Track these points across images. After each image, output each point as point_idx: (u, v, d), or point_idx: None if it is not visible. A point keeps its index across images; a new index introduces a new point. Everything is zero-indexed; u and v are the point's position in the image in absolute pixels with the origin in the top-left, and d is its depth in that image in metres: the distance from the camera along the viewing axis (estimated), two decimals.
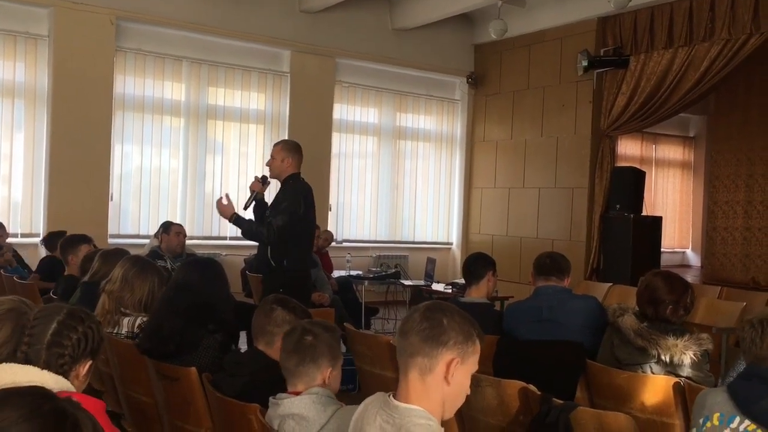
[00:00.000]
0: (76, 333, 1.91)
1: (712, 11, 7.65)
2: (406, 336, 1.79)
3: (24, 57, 7.65)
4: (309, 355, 2.28)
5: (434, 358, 1.76)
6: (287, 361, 2.30)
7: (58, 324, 1.90)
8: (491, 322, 3.95)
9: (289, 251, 4.65)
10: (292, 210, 4.60)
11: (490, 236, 10.15)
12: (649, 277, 3.31)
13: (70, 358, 1.89)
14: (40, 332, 1.89)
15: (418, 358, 1.77)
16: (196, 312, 3.08)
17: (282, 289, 4.21)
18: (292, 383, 2.31)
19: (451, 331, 1.78)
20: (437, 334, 1.77)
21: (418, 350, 1.77)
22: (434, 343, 1.76)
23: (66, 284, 4.49)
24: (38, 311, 1.97)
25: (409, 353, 1.78)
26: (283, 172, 4.76)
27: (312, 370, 2.28)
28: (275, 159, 4.78)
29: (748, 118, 10.17)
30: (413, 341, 1.78)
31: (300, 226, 4.68)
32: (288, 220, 4.57)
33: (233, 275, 7.15)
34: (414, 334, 1.78)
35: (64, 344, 1.89)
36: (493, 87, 10.23)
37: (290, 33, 8.95)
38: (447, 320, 1.80)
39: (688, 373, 2.99)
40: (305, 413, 2.19)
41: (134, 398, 3.29)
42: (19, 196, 7.75)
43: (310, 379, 2.28)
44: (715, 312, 5.49)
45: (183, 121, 8.61)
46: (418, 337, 1.77)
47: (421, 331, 1.78)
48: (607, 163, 8.76)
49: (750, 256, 9.98)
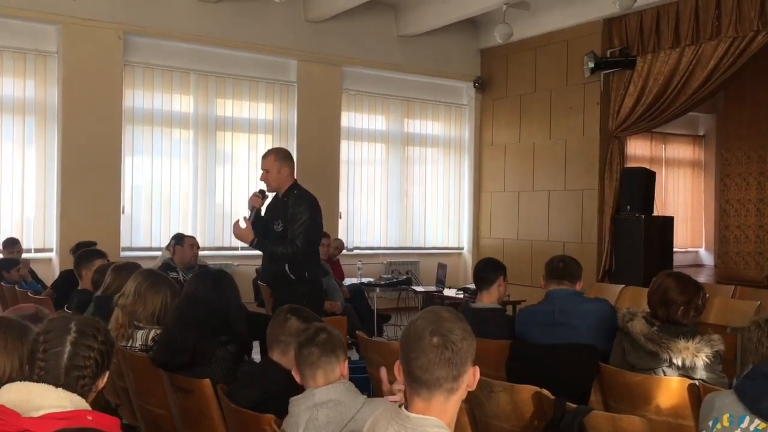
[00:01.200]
0: (92, 351, 1.90)
1: (719, 9, 7.62)
2: (430, 371, 1.71)
3: (34, 74, 7.73)
4: (329, 347, 2.38)
5: (461, 376, 1.75)
6: (310, 355, 2.37)
7: (73, 346, 1.88)
8: (503, 326, 3.95)
9: (307, 263, 4.64)
10: (310, 225, 4.56)
11: (501, 240, 10.13)
12: (661, 278, 3.31)
13: (90, 379, 1.89)
14: (55, 357, 1.86)
15: (446, 385, 1.73)
16: (208, 323, 3.09)
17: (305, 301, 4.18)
18: (312, 377, 2.36)
19: (464, 342, 1.75)
20: (459, 354, 1.73)
21: (444, 379, 1.72)
22: (460, 364, 1.73)
23: (80, 299, 4.52)
24: (46, 328, 1.94)
25: (435, 385, 1.73)
26: (282, 183, 4.65)
27: (333, 360, 2.37)
28: (270, 171, 4.62)
29: (757, 115, 10.10)
30: (440, 375, 1.72)
31: (316, 237, 4.70)
32: (309, 236, 4.54)
33: (245, 285, 7.17)
34: (440, 368, 1.71)
35: (83, 366, 1.88)
36: (500, 91, 10.23)
37: (296, 43, 8.99)
38: (458, 332, 1.75)
39: (702, 375, 2.97)
40: (341, 398, 2.28)
41: (150, 411, 3.31)
42: (31, 211, 7.82)
43: (331, 370, 2.36)
44: (730, 311, 5.45)
45: (192, 133, 8.66)
46: (444, 370, 1.72)
47: (444, 361, 1.71)
48: (616, 164, 8.74)
49: (764, 254, 9.90)
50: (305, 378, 2.39)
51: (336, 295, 6.83)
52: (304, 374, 2.40)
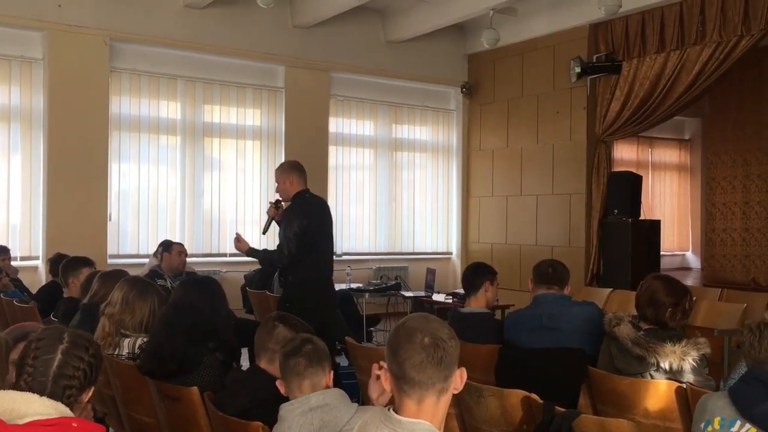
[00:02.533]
0: (82, 363, 1.90)
1: (703, 14, 7.69)
2: (423, 371, 1.74)
3: (19, 81, 7.67)
4: (315, 358, 2.38)
5: (450, 377, 1.78)
6: (296, 365, 2.36)
7: (63, 354, 1.88)
8: (492, 331, 3.96)
9: (294, 269, 4.82)
10: (297, 232, 4.73)
11: (490, 245, 10.15)
12: (649, 280, 3.33)
13: (77, 390, 1.88)
14: (45, 363, 1.86)
15: (438, 385, 1.76)
16: (196, 331, 3.08)
17: (288, 304, 4.62)
18: (299, 387, 2.35)
19: (452, 341, 1.78)
20: (449, 353, 1.76)
21: (436, 378, 1.75)
22: (449, 364, 1.76)
23: (66, 306, 4.49)
24: (38, 336, 1.94)
25: (427, 385, 1.75)
26: (290, 192, 4.93)
27: (319, 371, 2.37)
28: (280, 184, 4.96)
29: (742, 119, 10.21)
30: (431, 374, 1.75)
31: (308, 242, 4.78)
32: (297, 243, 4.72)
33: (233, 292, 7.15)
34: (431, 367, 1.74)
35: (72, 375, 1.87)
36: (488, 96, 10.26)
37: (284, 49, 8.99)
38: (446, 332, 1.79)
39: (689, 378, 2.99)
40: (336, 403, 2.29)
41: (137, 419, 3.29)
42: (17, 219, 7.75)
43: (318, 381, 2.36)
44: (716, 314, 5.49)
45: (179, 139, 8.63)
46: (435, 369, 1.74)
47: (437, 360, 1.74)
48: (603, 168, 8.78)
49: (750, 256, 9.99)
50: (291, 389, 2.37)
51: None
52: (290, 385, 2.38)
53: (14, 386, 1.86)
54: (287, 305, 4.65)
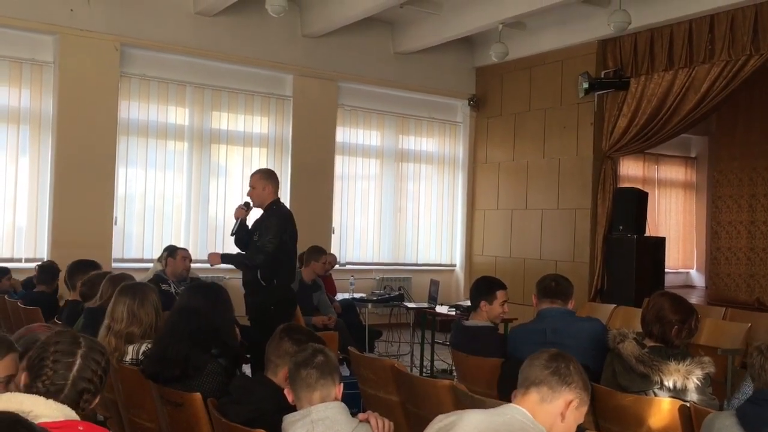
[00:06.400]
0: (99, 367, 1.93)
1: (712, 33, 7.70)
2: (536, 367, 2.07)
3: (29, 83, 7.72)
4: (326, 370, 2.36)
5: (557, 393, 2.04)
6: (308, 377, 2.34)
7: (83, 359, 1.90)
8: (495, 345, 3.96)
9: (277, 271, 5.01)
10: (280, 235, 4.94)
11: (494, 258, 10.14)
12: (656, 297, 3.33)
13: (92, 395, 1.90)
14: (65, 367, 1.87)
15: (543, 387, 2.05)
16: (200, 336, 3.08)
17: (272, 307, 4.87)
18: (309, 399, 2.33)
19: (575, 375, 2.07)
20: (564, 374, 2.06)
21: (545, 381, 2.05)
22: (560, 380, 2.05)
23: (71, 309, 4.49)
24: (53, 339, 1.94)
25: (535, 381, 2.06)
26: (265, 199, 5.10)
27: (329, 383, 2.35)
28: (256, 188, 5.10)
29: (749, 139, 10.19)
30: (542, 374, 2.06)
31: (287, 247, 5.05)
32: (278, 243, 4.93)
33: (237, 298, 7.12)
34: (544, 368, 2.07)
35: (90, 379, 1.89)
36: (495, 109, 10.29)
37: (293, 57, 9.03)
38: (573, 367, 2.08)
39: (692, 397, 2.97)
40: (338, 417, 2.29)
41: (139, 424, 3.28)
42: (23, 220, 7.78)
43: (327, 393, 2.34)
44: (720, 333, 5.46)
45: (187, 145, 8.66)
46: (547, 371, 2.06)
47: (550, 367, 2.06)
48: (609, 184, 8.78)
49: (755, 276, 9.95)
50: (300, 399, 2.35)
51: (328, 310, 6.82)
52: (299, 396, 2.35)
53: (29, 389, 1.86)
54: (271, 308, 4.89)
